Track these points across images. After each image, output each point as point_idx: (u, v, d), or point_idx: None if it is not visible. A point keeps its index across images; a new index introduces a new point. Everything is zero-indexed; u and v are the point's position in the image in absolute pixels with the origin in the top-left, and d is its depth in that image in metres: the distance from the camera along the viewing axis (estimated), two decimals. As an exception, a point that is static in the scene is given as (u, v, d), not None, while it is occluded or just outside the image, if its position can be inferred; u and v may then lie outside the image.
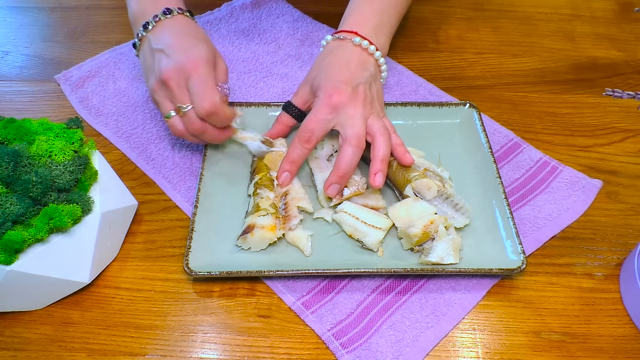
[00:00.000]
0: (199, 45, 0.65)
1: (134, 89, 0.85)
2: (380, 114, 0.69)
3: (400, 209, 0.64)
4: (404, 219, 0.63)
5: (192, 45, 0.65)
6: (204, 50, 0.64)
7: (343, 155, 0.64)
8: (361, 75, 0.68)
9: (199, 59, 0.63)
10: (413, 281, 0.64)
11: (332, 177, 0.65)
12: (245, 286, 0.64)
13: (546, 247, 0.67)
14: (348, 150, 0.64)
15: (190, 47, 0.64)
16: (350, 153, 0.64)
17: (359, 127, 0.64)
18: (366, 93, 0.67)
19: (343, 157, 0.64)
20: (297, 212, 0.66)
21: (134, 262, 0.66)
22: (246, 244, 0.64)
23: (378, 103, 0.69)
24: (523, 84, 0.86)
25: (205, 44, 0.66)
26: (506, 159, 0.75)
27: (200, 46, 0.65)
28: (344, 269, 0.61)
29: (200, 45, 0.65)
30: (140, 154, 0.76)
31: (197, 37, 0.66)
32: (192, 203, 0.69)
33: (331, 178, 0.65)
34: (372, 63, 0.70)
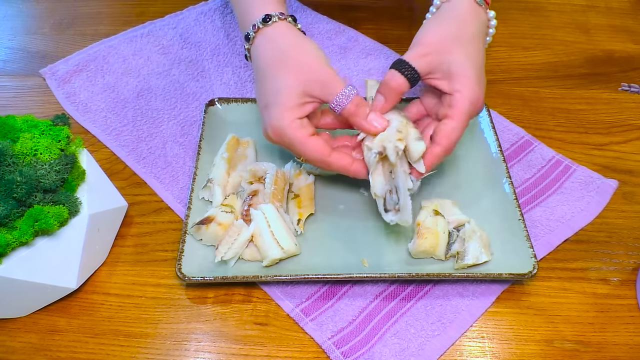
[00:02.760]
0: (283, 81, 0.61)
1: (124, 84, 0.85)
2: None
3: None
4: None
5: (274, 90, 0.62)
6: (286, 93, 0.61)
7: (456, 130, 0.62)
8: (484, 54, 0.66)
9: (280, 118, 0.61)
10: (418, 287, 0.64)
11: (441, 152, 0.62)
12: (241, 292, 0.64)
13: (559, 251, 0.67)
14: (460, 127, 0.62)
15: (273, 92, 0.62)
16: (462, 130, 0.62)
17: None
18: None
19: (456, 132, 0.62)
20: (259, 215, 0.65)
21: (123, 267, 0.66)
22: (199, 234, 0.65)
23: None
24: (534, 78, 0.86)
25: (292, 72, 0.61)
26: (516, 157, 0.75)
27: (283, 86, 0.61)
28: (346, 274, 0.61)
29: (284, 83, 0.61)
30: (131, 153, 0.76)
31: (287, 61, 0.62)
32: (185, 204, 0.69)
33: (439, 153, 0.62)
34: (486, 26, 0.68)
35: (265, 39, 0.64)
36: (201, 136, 0.74)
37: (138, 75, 0.86)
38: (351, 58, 0.88)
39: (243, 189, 0.70)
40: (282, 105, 0.61)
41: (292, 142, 0.62)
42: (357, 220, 0.68)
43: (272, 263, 0.63)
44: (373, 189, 0.62)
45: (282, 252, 0.63)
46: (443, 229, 0.64)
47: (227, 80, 0.85)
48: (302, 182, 0.70)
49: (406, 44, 0.91)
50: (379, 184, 0.62)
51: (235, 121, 0.78)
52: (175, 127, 0.79)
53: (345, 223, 0.68)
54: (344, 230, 0.67)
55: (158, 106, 0.82)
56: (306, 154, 0.62)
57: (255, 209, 0.65)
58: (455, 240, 0.64)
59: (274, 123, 0.62)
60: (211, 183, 0.69)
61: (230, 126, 0.77)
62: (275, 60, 0.63)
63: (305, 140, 0.61)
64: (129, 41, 0.90)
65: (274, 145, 0.75)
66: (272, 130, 0.62)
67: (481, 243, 0.63)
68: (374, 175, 0.62)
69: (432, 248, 0.63)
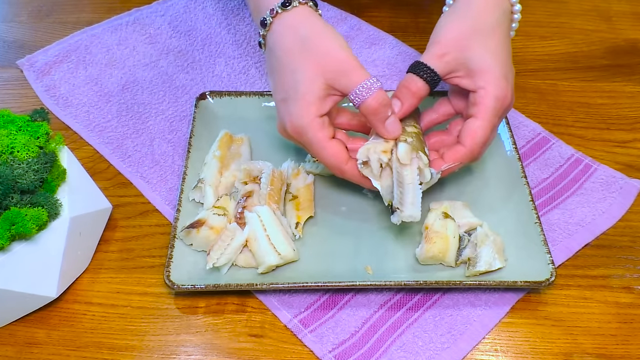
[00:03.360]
0: (303, 72, 0.61)
1: (108, 76, 0.85)
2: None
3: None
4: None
5: (294, 82, 0.61)
6: (307, 85, 0.60)
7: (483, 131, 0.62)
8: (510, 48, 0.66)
9: (301, 116, 0.61)
10: (426, 295, 0.64)
11: (465, 153, 0.63)
12: (234, 301, 0.64)
13: (578, 257, 0.67)
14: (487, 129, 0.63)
15: (292, 85, 0.61)
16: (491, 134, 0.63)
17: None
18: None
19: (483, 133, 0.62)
20: (254, 218, 0.65)
21: (107, 274, 0.66)
22: (189, 239, 0.64)
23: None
24: (552, 70, 0.86)
25: (313, 62, 0.61)
26: (533, 156, 0.75)
27: (304, 78, 0.61)
28: (348, 282, 0.61)
29: (305, 75, 0.61)
30: (115, 150, 0.76)
31: (308, 50, 0.61)
32: (174, 206, 0.69)
33: (463, 155, 0.63)
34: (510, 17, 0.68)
35: (284, 26, 0.63)
36: (191, 132, 0.74)
37: (123, 66, 0.86)
38: (354, 48, 0.88)
39: (237, 190, 0.70)
40: (302, 100, 0.61)
41: (312, 143, 0.62)
42: (361, 224, 0.68)
43: (268, 270, 0.63)
44: (383, 195, 0.63)
45: (279, 258, 0.63)
46: (453, 233, 0.64)
47: (220, 72, 0.85)
48: (300, 183, 0.70)
49: (412, 32, 0.91)
50: (387, 190, 0.62)
51: (228, 116, 0.77)
52: (164, 123, 0.79)
53: (347, 226, 0.68)
54: (346, 235, 0.67)
55: (145, 100, 0.82)
56: (323, 158, 0.62)
57: (250, 211, 0.65)
58: (467, 245, 0.64)
59: (294, 121, 0.61)
60: (202, 183, 0.69)
61: (222, 122, 0.77)
62: (296, 49, 0.62)
63: (325, 144, 0.62)
64: (113, 30, 0.90)
65: (270, 143, 0.75)
66: (292, 128, 0.62)
67: (494, 248, 0.63)
68: (380, 182, 0.62)
69: (442, 253, 0.63)
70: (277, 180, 0.68)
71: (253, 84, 0.84)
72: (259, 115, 0.77)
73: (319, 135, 0.61)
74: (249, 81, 0.84)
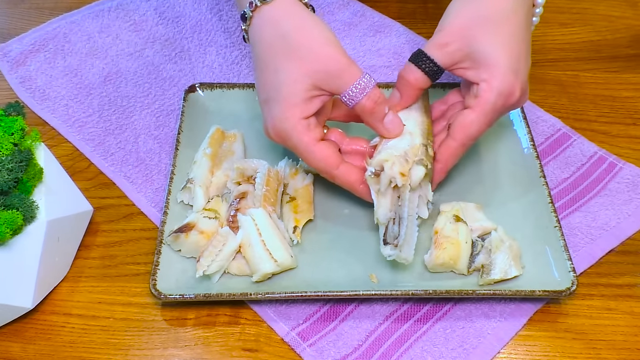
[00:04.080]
0: (285, 72, 0.60)
1: (89, 66, 0.85)
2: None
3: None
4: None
5: (276, 82, 0.61)
6: (290, 86, 0.60)
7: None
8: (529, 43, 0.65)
9: (283, 118, 0.61)
10: (436, 306, 0.64)
11: (456, 148, 0.63)
12: (227, 312, 0.64)
13: (602, 264, 0.67)
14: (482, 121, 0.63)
15: (274, 85, 0.61)
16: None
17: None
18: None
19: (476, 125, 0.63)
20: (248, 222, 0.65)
21: (88, 283, 0.66)
22: (177, 244, 0.65)
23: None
24: (573, 60, 0.86)
25: (296, 61, 0.60)
26: (552, 153, 0.75)
27: (286, 79, 0.60)
28: (350, 291, 0.61)
29: (287, 75, 0.60)
30: (96, 148, 0.76)
31: (290, 48, 0.61)
32: (161, 209, 0.69)
33: (455, 149, 0.63)
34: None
35: (263, 20, 0.63)
36: (180, 128, 0.74)
37: (105, 56, 0.86)
38: (356, 36, 0.88)
39: (229, 191, 0.70)
40: (285, 101, 0.61)
41: (297, 148, 0.62)
42: (364, 228, 0.68)
43: (263, 278, 0.63)
44: (376, 213, 0.62)
45: (275, 266, 0.63)
46: (465, 238, 0.64)
47: (211, 62, 0.85)
48: (299, 183, 0.70)
49: (421, 19, 0.91)
50: (383, 210, 0.62)
51: (220, 110, 0.77)
52: (149, 118, 0.79)
53: (350, 231, 0.68)
54: (349, 240, 0.67)
55: (129, 93, 0.82)
56: (311, 162, 0.63)
57: (243, 214, 0.65)
58: (480, 251, 0.64)
59: (276, 124, 0.62)
60: (191, 184, 0.69)
61: (214, 116, 0.77)
62: (276, 46, 0.62)
63: (312, 147, 0.62)
64: (94, 16, 0.90)
65: (265, 139, 0.75)
66: (274, 132, 0.62)
67: (510, 254, 0.63)
68: (379, 197, 0.62)
69: (452, 260, 0.63)
70: (273, 181, 0.68)
71: (247, 76, 0.84)
72: (253, 110, 0.77)
73: (304, 140, 0.61)
74: (243, 72, 0.84)
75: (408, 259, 0.61)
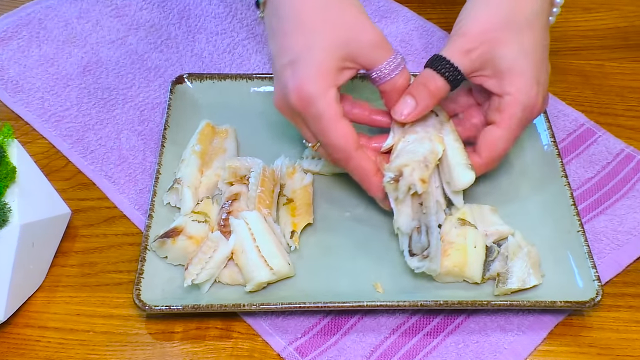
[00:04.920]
0: (321, 36, 0.61)
1: (66, 55, 0.85)
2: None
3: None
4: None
5: (308, 45, 0.61)
6: (324, 51, 0.61)
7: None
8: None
9: (313, 82, 0.60)
10: (448, 318, 0.64)
11: (482, 165, 0.65)
12: (218, 325, 0.64)
13: (629, 272, 0.67)
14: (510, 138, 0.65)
15: (305, 47, 0.61)
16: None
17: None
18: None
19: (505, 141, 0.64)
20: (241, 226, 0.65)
21: (65, 293, 0.66)
22: (162, 250, 0.65)
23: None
24: (598, 49, 0.86)
25: (333, 27, 0.61)
26: (575, 151, 0.75)
27: (321, 43, 0.61)
28: (353, 302, 0.61)
29: (322, 39, 0.61)
30: (75, 145, 0.76)
31: (329, 12, 0.62)
32: (146, 211, 0.69)
33: (480, 167, 0.64)
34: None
35: None
36: (166, 123, 0.74)
37: (84, 44, 0.86)
38: (360, 22, 0.88)
39: (220, 192, 0.70)
40: (317, 65, 0.61)
41: (321, 117, 0.61)
42: (369, 233, 0.68)
43: (258, 288, 0.63)
44: (396, 222, 0.63)
45: (271, 274, 0.63)
46: (473, 242, 0.64)
47: (200, 50, 0.85)
48: (297, 183, 0.70)
49: (431, 3, 0.91)
50: (405, 218, 0.62)
51: (211, 104, 0.78)
52: (133, 112, 0.79)
53: (352, 236, 0.68)
54: (352, 245, 0.67)
55: (110, 84, 0.82)
56: (331, 138, 0.62)
57: (236, 217, 0.65)
58: (496, 258, 0.64)
59: (304, 85, 0.61)
60: (179, 184, 0.69)
61: (203, 110, 0.77)
62: (317, 8, 0.62)
63: (336, 121, 0.61)
64: (72, 0, 0.90)
65: (260, 135, 0.75)
66: (299, 95, 0.61)
67: (529, 262, 0.63)
68: (398, 205, 0.62)
69: (458, 268, 0.63)
70: (269, 181, 0.68)
71: (240, 65, 0.84)
72: (247, 103, 0.77)
73: (331, 110, 0.61)
74: (235, 62, 0.84)
75: (437, 270, 0.62)
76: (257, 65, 0.83)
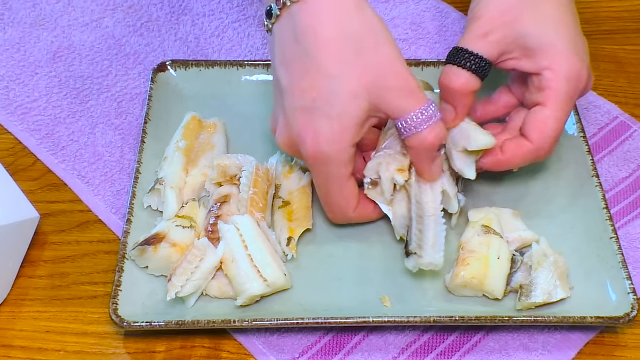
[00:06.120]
0: (344, 82, 0.59)
1: (34, 39, 0.85)
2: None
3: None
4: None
5: (329, 90, 0.59)
6: (348, 103, 0.59)
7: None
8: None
9: (332, 141, 0.60)
10: (464, 336, 0.64)
11: (531, 149, 0.65)
12: (205, 343, 0.64)
13: (669, 284, 0.67)
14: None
15: (326, 94, 0.59)
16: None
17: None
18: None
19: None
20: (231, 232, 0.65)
21: (33, 307, 0.66)
22: (142, 259, 0.65)
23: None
24: (633, 32, 0.86)
25: (359, 69, 0.59)
26: (607, 147, 0.76)
27: (345, 91, 0.59)
28: (358, 317, 0.61)
29: (346, 86, 0.59)
30: (44, 140, 0.77)
31: (358, 53, 0.59)
32: (124, 215, 0.69)
33: (529, 151, 0.65)
34: None
35: (290, 29, 0.60)
36: (146, 116, 0.75)
37: (54, 27, 0.86)
38: (366, 2, 0.88)
39: (208, 194, 0.70)
40: (339, 120, 0.59)
41: (329, 177, 0.62)
42: (375, 240, 0.68)
43: (250, 301, 0.63)
44: (395, 227, 0.65)
45: (264, 286, 0.63)
46: (497, 252, 0.64)
47: (185, 34, 0.85)
48: (294, 184, 0.70)
49: (446, -19, 0.90)
50: (399, 220, 0.64)
51: (197, 94, 0.78)
52: (109, 103, 0.79)
53: (356, 243, 0.68)
54: (355, 254, 0.67)
55: (84, 72, 0.82)
56: (332, 197, 0.64)
57: (225, 222, 0.66)
58: (518, 268, 0.64)
59: (322, 146, 0.60)
60: (161, 185, 0.69)
61: (189, 101, 0.77)
62: (341, 45, 0.59)
63: (345, 183, 0.63)
64: (41, -23, 0.90)
65: (253, 129, 0.75)
66: (312, 152, 0.60)
67: (555, 272, 0.63)
68: (393, 208, 0.64)
69: (477, 280, 0.63)
70: (262, 181, 0.68)
71: (230, 51, 0.84)
72: (237, 93, 0.78)
73: (342, 172, 0.62)
74: (225, 47, 0.84)
75: (435, 263, 0.62)
76: (250, 50, 0.83)
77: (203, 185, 0.70)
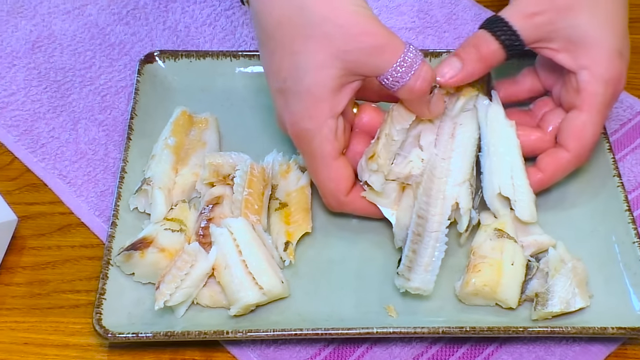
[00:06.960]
0: (308, 56, 0.60)
1: (11, 28, 0.85)
2: None
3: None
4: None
5: (295, 68, 0.61)
6: (316, 74, 0.60)
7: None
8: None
9: (307, 117, 0.61)
10: (475, 348, 0.64)
11: (570, 160, 0.66)
12: (196, 356, 0.64)
13: (696, 292, 0.67)
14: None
15: (292, 72, 0.61)
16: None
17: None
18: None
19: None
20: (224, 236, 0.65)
21: (10, 317, 0.66)
22: (129, 265, 0.65)
23: None
24: (658, 20, 0.86)
25: (321, 41, 0.60)
26: (630, 145, 0.76)
27: (310, 64, 0.60)
28: (361, 328, 0.61)
29: (310, 59, 0.60)
30: (22, 137, 0.77)
31: (311, 23, 0.60)
32: (108, 218, 0.69)
33: (568, 162, 0.66)
34: None
35: None
36: (133, 111, 0.75)
37: (34, 15, 0.86)
38: (369, -12, 0.88)
39: (199, 195, 0.70)
40: (309, 95, 0.61)
41: (313, 155, 0.63)
42: (379, 245, 0.68)
43: (244, 311, 0.64)
44: (396, 236, 0.66)
45: (260, 294, 0.63)
46: (511, 259, 0.64)
47: (174, 22, 0.85)
48: (291, 184, 0.70)
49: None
50: (402, 230, 0.65)
51: (187, 87, 0.78)
52: (93, 97, 0.80)
53: (359, 248, 0.68)
54: (358, 260, 0.67)
55: (65, 64, 0.82)
56: (320, 179, 0.64)
57: (218, 225, 0.66)
58: (534, 274, 0.64)
59: (298, 123, 0.62)
60: (149, 185, 0.69)
61: (178, 95, 0.77)
62: (292, 20, 0.61)
63: (330, 161, 0.63)
64: (18, -39, 0.90)
65: (247, 125, 0.76)
66: (295, 133, 0.63)
67: (574, 279, 0.63)
68: (397, 213, 0.65)
69: (489, 288, 0.63)
70: (258, 181, 0.68)
71: (222, 40, 0.84)
72: (231, 86, 0.78)
73: (326, 148, 0.62)
74: (217, 36, 0.84)
75: (422, 289, 0.62)
76: (244, 40, 0.84)
77: (194, 185, 0.71)
